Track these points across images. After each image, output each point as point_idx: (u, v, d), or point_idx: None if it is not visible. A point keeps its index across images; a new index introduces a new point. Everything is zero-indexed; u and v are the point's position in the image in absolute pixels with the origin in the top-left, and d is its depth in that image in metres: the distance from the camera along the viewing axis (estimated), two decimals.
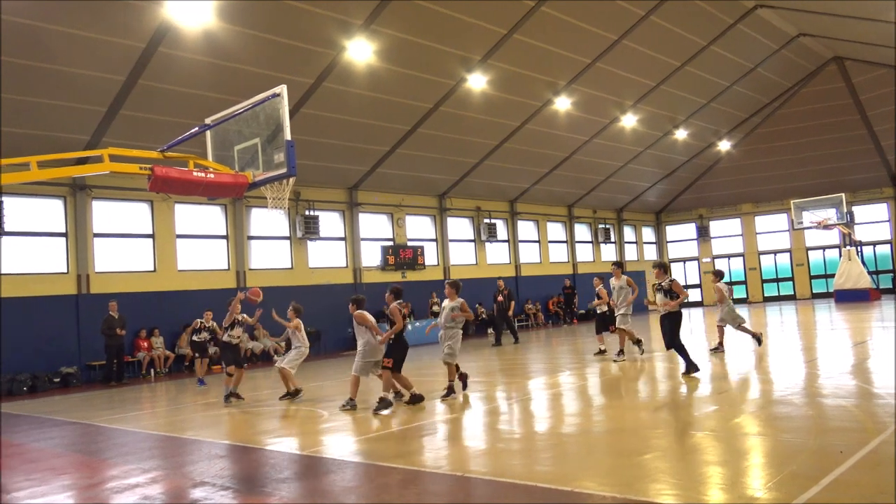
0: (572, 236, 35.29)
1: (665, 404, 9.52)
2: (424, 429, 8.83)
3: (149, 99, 17.16)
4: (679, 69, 26.75)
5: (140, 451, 8.88)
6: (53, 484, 7.29)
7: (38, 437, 10.35)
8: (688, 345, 12.57)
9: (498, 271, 30.06)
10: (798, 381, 10.46)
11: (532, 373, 14.48)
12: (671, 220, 41.59)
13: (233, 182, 8.59)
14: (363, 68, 19.42)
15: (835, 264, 34.33)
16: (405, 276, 26.18)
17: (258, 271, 22.34)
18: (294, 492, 6.36)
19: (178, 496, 6.50)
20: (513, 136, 26.09)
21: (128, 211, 19.87)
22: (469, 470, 6.51)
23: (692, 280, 40.70)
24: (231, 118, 9.08)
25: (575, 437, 7.91)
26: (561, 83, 24.51)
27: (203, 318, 15.84)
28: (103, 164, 8.09)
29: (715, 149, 35.94)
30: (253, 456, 8.07)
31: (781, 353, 14.82)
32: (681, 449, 6.83)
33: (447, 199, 28.58)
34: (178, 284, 20.33)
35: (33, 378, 17.03)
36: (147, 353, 18.90)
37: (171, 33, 15.77)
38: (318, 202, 23.97)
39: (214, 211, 21.83)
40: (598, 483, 5.71)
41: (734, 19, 25.00)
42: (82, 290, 18.49)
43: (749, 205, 39.04)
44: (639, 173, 34.90)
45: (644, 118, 29.32)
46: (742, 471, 5.88)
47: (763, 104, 33.80)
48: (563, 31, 21.62)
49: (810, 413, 7.98)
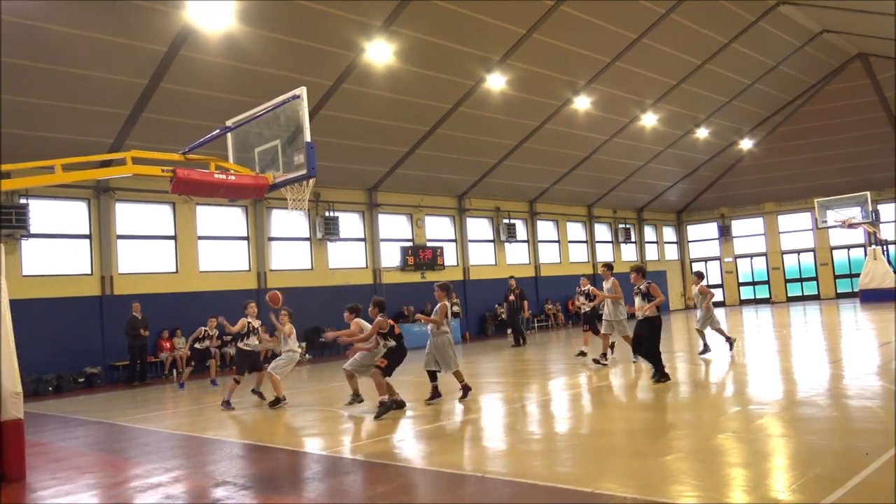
0: (592, 236, 35.12)
1: (686, 405, 9.44)
2: (444, 430, 8.83)
3: (171, 102, 17.34)
4: (700, 67, 26.52)
5: (162, 451, 8.97)
6: (78, 482, 7.39)
7: (64, 437, 10.48)
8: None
9: (517, 271, 30.01)
10: (822, 382, 10.33)
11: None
12: (692, 219, 41.24)
13: (253, 184, 8.65)
14: (382, 69, 19.47)
15: (860, 264, 33.82)
16: (424, 276, 26.20)
17: (279, 272, 22.46)
18: (314, 492, 6.38)
19: (200, 495, 6.55)
20: (532, 136, 26.02)
21: (150, 213, 20.07)
22: (489, 471, 6.49)
23: (714, 280, 40.35)
24: (251, 120, 9.14)
25: (594, 438, 7.87)
26: (580, 83, 24.41)
27: (207, 326, 15.83)
28: (126, 166, 8.19)
29: (737, 147, 35.60)
30: (273, 456, 8.11)
31: (805, 353, 14.65)
32: (703, 450, 6.77)
33: (466, 199, 28.57)
34: (199, 285, 20.50)
35: (58, 378, 17.26)
36: (169, 354, 19.08)
37: (192, 37, 15.91)
38: (337, 203, 24.06)
39: (235, 212, 21.99)
40: (619, 484, 5.68)
41: (756, 16, 24.74)
42: (106, 291, 18.71)
43: (772, 203, 38.61)
44: (659, 172, 34.65)
45: (664, 117, 29.10)
46: (765, 473, 5.82)
47: (786, 102, 33.41)
48: (583, 30, 21.53)
49: (835, 414, 7.87)
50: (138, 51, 15.84)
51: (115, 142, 17.75)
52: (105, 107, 16.94)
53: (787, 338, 18.03)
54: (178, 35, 15.77)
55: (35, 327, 16.76)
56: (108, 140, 17.73)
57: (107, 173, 10.27)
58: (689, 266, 41.01)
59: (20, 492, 7.09)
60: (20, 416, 7.48)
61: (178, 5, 15.10)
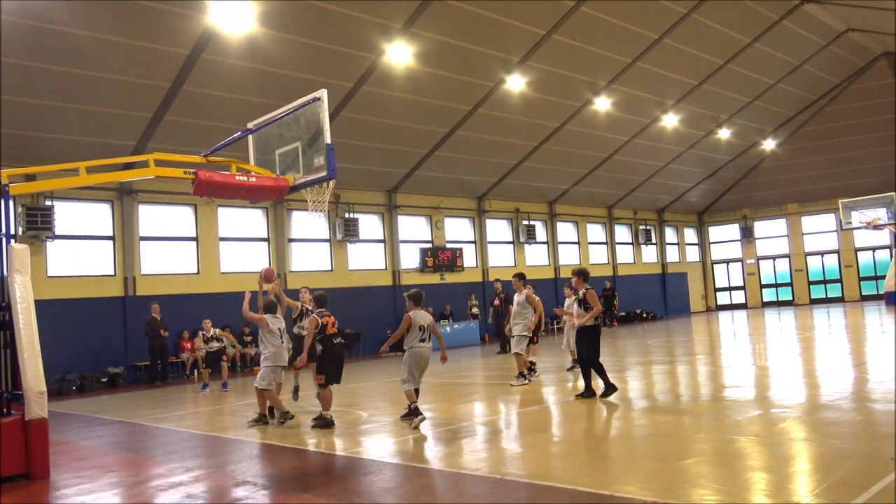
0: (612, 238, 34.92)
1: (707, 409, 9.35)
2: (462, 431, 8.82)
3: (193, 104, 17.50)
4: (722, 67, 26.29)
5: (183, 450, 9.05)
6: (101, 481, 7.47)
7: (87, 436, 10.61)
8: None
9: (537, 273, 29.94)
10: (846, 386, 10.20)
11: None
12: (714, 220, 40.86)
13: (274, 185, 8.72)
14: (402, 71, 19.51)
15: (885, 265, 33.35)
16: (444, 277, 26.21)
17: (299, 273, 22.57)
18: (333, 492, 6.40)
19: (221, 495, 6.60)
20: (552, 137, 25.93)
21: (173, 214, 20.25)
22: (508, 472, 6.48)
23: (736, 282, 39.99)
24: (272, 122, 9.21)
25: (613, 441, 7.83)
26: (601, 83, 24.29)
27: (203, 329, 15.86)
28: (149, 168, 8.29)
29: (759, 148, 35.23)
30: (293, 456, 8.16)
31: (829, 356, 14.46)
32: (724, 454, 6.70)
33: (486, 200, 28.53)
34: (220, 286, 20.64)
35: (82, 378, 17.46)
36: (190, 354, 19.22)
37: (214, 40, 16.05)
38: (357, 205, 24.14)
39: (256, 214, 22.14)
40: (639, 487, 5.64)
41: (780, 16, 24.48)
42: (129, 292, 18.91)
43: (795, 205, 38.14)
44: (680, 173, 34.39)
45: (686, 118, 28.88)
46: (788, 477, 5.75)
47: (810, 101, 33.02)
48: (603, 30, 21.43)
49: (859, 418, 7.76)
50: (161, 54, 16.00)
51: (137, 144, 17.94)
52: (128, 110, 17.13)
53: (810, 340, 17.81)
54: (200, 38, 15.92)
55: (59, 328, 16.97)
56: (132, 143, 17.92)
57: (130, 175, 10.39)
58: (712, 268, 40.68)
59: (44, 490, 7.19)
60: (44, 416, 7.58)
61: (201, 8, 15.24)
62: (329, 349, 9.50)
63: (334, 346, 9.55)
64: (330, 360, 9.50)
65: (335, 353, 9.56)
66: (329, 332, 9.46)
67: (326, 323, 9.46)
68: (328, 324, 9.47)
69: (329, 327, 9.49)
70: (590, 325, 10.56)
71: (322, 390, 9.52)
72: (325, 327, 9.45)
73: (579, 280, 10.94)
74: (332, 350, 9.53)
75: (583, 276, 10.98)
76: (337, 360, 9.58)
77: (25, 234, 16.69)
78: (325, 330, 9.43)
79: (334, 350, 9.56)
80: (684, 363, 14.20)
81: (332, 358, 9.52)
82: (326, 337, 9.45)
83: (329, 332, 9.46)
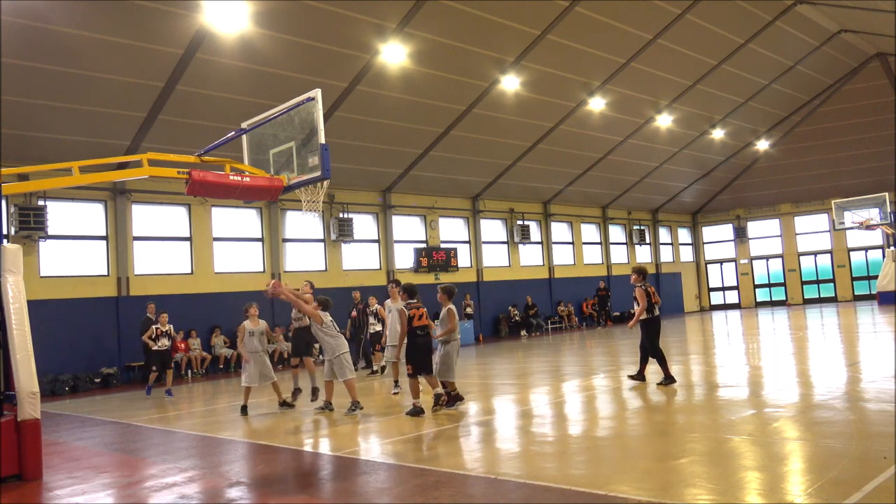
0: (606, 238, 34.97)
1: (700, 408, 9.38)
2: (457, 431, 8.82)
3: (187, 104, 17.45)
4: (716, 68, 26.37)
5: (177, 451, 9.02)
6: (94, 482, 7.44)
7: (80, 436, 10.57)
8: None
9: (531, 273, 29.98)
10: (839, 385, 10.23)
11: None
12: (708, 220, 40.97)
13: (268, 185, 8.70)
14: (397, 71, 19.50)
15: (878, 265, 33.51)
16: (438, 277, 26.20)
17: (293, 273, 22.52)
18: (328, 492, 6.40)
19: (215, 495, 6.58)
20: (546, 137, 25.96)
21: (166, 214, 20.19)
22: (502, 472, 6.49)
23: (729, 282, 40.10)
24: (266, 122, 9.20)
25: (607, 440, 7.84)
26: (595, 83, 24.33)
27: (159, 323, 14.99)
28: (143, 168, 8.27)
29: (753, 148, 35.35)
30: (288, 456, 8.14)
31: (822, 356, 14.51)
32: (718, 453, 6.72)
33: (480, 200, 28.55)
34: (214, 286, 20.61)
35: (75, 378, 17.38)
36: (184, 355, 19.18)
37: (208, 39, 16.01)
38: (352, 205, 24.12)
39: (250, 214, 22.10)
40: (633, 487, 5.65)
41: (773, 16, 24.57)
42: (122, 292, 18.85)
43: (788, 205, 38.28)
44: (674, 174, 34.48)
45: (680, 118, 28.96)
46: (781, 476, 5.77)
47: (803, 102, 33.15)
48: (598, 30, 21.47)
49: (852, 418, 7.79)
50: (155, 53, 15.96)
51: (131, 144, 17.89)
52: (122, 109, 17.07)
53: (803, 340, 17.87)
54: (194, 38, 15.88)
55: (52, 328, 16.92)
56: (125, 142, 17.87)
57: (123, 175, 10.33)
58: (705, 268, 40.79)
59: (37, 491, 7.16)
60: (37, 416, 7.55)
61: (194, 7, 15.21)
62: (412, 340, 9.89)
63: (417, 338, 9.89)
64: (416, 351, 9.85)
65: (418, 344, 9.89)
66: (414, 325, 9.81)
67: (413, 315, 9.81)
68: (414, 316, 9.82)
69: (415, 319, 9.83)
70: (644, 319, 11.17)
71: (410, 380, 9.86)
72: (412, 319, 9.82)
73: (636, 277, 11.53)
74: (414, 341, 9.89)
75: (639, 273, 11.55)
76: (423, 350, 9.88)
77: (18, 234, 16.64)
78: (410, 322, 9.81)
79: (416, 342, 9.89)
80: (678, 363, 14.22)
81: (418, 349, 9.85)
82: (412, 329, 9.85)
83: (414, 325, 9.81)
